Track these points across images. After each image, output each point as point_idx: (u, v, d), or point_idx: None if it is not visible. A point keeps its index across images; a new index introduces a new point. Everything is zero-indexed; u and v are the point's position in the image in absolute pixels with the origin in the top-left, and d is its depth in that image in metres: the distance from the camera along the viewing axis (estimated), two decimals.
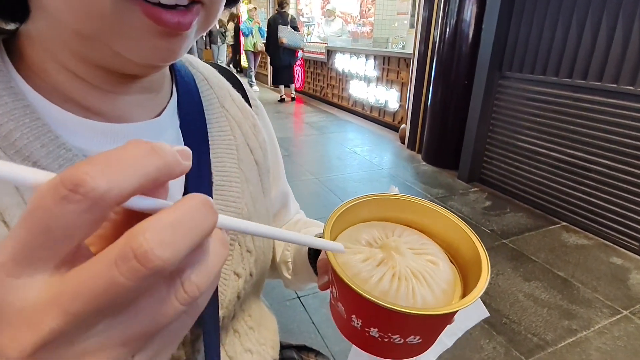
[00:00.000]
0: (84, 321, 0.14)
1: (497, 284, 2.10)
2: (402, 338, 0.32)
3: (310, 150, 4.49)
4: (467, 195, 3.22)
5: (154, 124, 0.39)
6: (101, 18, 0.27)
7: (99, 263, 0.14)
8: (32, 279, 0.14)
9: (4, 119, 0.30)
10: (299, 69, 7.71)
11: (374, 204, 0.42)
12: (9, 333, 0.14)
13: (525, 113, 3.00)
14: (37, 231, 0.14)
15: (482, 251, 0.36)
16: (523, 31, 2.95)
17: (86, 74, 0.33)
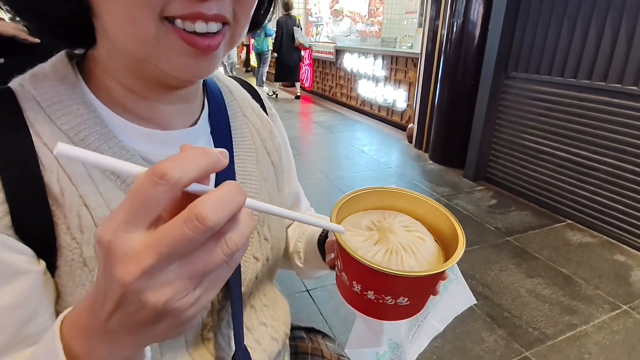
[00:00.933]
0: (167, 259, 0.22)
1: (499, 280, 2.16)
2: (393, 299, 0.40)
3: (319, 149, 4.57)
4: (473, 194, 3.27)
5: (192, 131, 0.47)
6: (147, 42, 0.35)
7: (176, 223, 0.22)
8: (135, 233, 0.22)
9: (81, 126, 0.39)
10: (308, 68, 7.79)
11: (372, 195, 0.51)
12: (122, 266, 0.22)
13: (530, 113, 3.04)
14: (139, 203, 0.22)
15: (459, 230, 0.44)
16: (529, 31, 2.99)
17: (138, 88, 0.41)
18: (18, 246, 0.35)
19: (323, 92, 7.45)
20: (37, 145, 0.37)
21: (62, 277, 0.38)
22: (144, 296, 0.23)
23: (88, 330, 0.27)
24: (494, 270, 2.25)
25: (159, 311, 0.23)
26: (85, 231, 0.38)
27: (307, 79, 7.96)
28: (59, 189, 0.36)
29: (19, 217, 0.34)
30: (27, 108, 0.38)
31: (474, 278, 2.17)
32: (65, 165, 0.38)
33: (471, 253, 2.42)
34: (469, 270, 2.24)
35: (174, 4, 0.33)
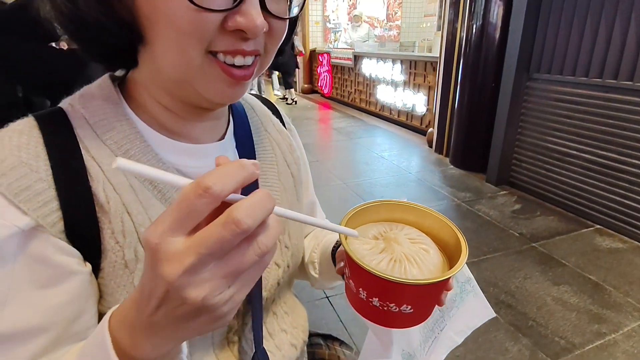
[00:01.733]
0: (205, 259, 0.25)
1: (524, 288, 2.11)
2: (397, 306, 0.41)
3: (339, 156, 4.59)
4: (496, 199, 3.21)
5: (220, 145, 0.52)
6: (192, 71, 0.39)
7: (214, 226, 0.25)
8: (179, 237, 0.25)
9: (123, 141, 0.43)
10: (327, 75, 7.84)
11: (381, 208, 0.53)
12: (167, 266, 0.25)
13: (554, 114, 2.96)
14: (184, 212, 0.25)
15: (462, 240, 0.45)
16: (551, 32, 2.92)
17: (175, 107, 0.45)
18: (69, 249, 0.39)
19: (342, 98, 7.48)
20: (86, 159, 0.41)
21: (105, 278, 0.42)
22: (185, 292, 0.25)
23: (133, 326, 0.30)
24: (518, 278, 2.19)
25: (198, 306, 0.26)
26: (127, 235, 0.41)
27: (325, 86, 8.02)
28: (104, 198, 0.40)
29: (71, 223, 0.38)
30: (77, 126, 0.42)
31: (496, 286, 2.13)
32: (110, 177, 0.42)
33: (494, 260, 2.37)
34: (492, 278, 2.19)
35: (220, 41, 0.37)
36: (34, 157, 0.38)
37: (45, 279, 0.38)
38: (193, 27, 0.36)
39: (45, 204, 0.37)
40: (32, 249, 0.37)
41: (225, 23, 0.37)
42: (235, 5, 0.36)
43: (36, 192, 0.37)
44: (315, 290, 2.05)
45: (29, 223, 0.36)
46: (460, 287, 0.62)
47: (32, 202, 0.36)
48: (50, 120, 0.41)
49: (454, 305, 0.62)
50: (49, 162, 0.38)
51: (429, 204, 2.60)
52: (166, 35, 0.37)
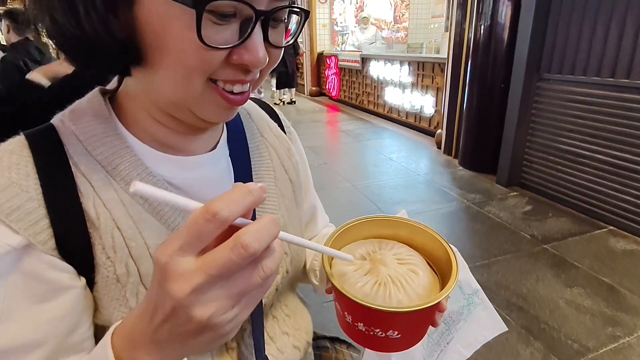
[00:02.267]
0: (213, 280, 0.26)
1: (536, 290, 2.08)
2: (383, 332, 0.40)
3: (347, 158, 4.59)
4: (506, 200, 3.17)
5: (212, 155, 0.51)
6: (193, 96, 0.40)
7: (223, 249, 0.26)
8: (188, 258, 0.26)
9: (113, 156, 0.43)
10: (335, 77, 7.85)
11: (373, 224, 0.51)
12: (176, 284, 0.26)
13: (566, 115, 2.92)
14: (193, 235, 0.26)
15: (454, 261, 0.44)
16: (561, 31, 2.89)
17: (167, 123, 0.45)
18: (62, 265, 0.39)
19: (350, 100, 7.48)
20: (76, 175, 0.41)
21: (99, 292, 0.42)
22: (192, 310, 0.27)
23: (136, 341, 0.31)
24: (529, 280, 2.16)
25: (203, 325, 0.27)
26: (117, 250, 0.42)
27: (333, 88, 8.02)
28: (95, 214, 0.41)
29: (62, 240, 0.39)
30: (67, 142, 0.42)
31: (507, 289, 2.10)
32: (100, 192, 0.42)
33: (504, 262, 2.34)
34: (503, 281, 2.16)
35: (223, 72, 0.39)
36: (24, 176, 0.38)
37: (40, 294, 0.38)
38: (200, 62, 0.36)
39: (36, 223, 0.38)
40: (25, 266, 0.37)
41: (230, 57, 0.38)
42: (241, 42, 0.37)
43: (27, 211, 0.37)
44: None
45: (21, 242, 0.37)
46: (467, 299, 0.60)
47: (23, 222, 0.37)
48: (40, 138, 0.42)
49: (461, 317, 0.60)
50: (38, 181, 0.39)
51: (438, 205, 2.59)
52: (171, 67, 0.37)
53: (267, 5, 0.37)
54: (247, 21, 0.36)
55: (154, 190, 0.26)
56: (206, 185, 0.49)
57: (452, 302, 0.60)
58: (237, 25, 0.37)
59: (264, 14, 0.37)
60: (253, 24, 0.36)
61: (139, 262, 0.43)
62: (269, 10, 0.37)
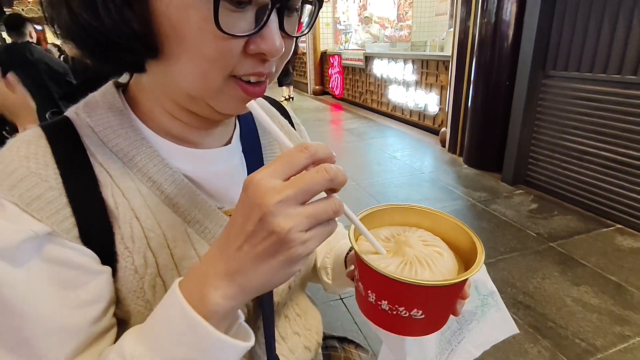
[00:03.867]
0: (298, 196, 0.31)
1: (542, 288, 2.07)
2: (407, 311, 0.39)
3: (351, 157, 4.58)
4: (512, 198, 3.15)
5: (227, 150, 0.51)
6: (212, 89, 0.39)
7: (310, 172, 0.32)
8: (278, 180, 0.31)
9: (129, 147, 0.43)
10: (338, 76, 7.84)
11: (395, 212, 0.51)
12: (266, 195, 0.30)
13: (572, 112, 2.90)
14: (285, 162, 0.32)
15: (479, 244, 0.43)
16: (567, 28, 2.87)
17: (182, 116, 0.45)
18: (88, 252, 0.39)
19: (353, 99, 7.47)
20: (94, 165, 0.41)
21: (118, 282, 0.42)
22: (276, 221, 0.30)
23: (206, 278, 0.33)
24: (536, 278, 2.15)
25: (282, 237, 0.30)
26: (136, 241, 0.41)
27: (337, 87, 8.02)
28: (113, 203, 0.41)
29: (85, 229, 0.39)
30: (84, 134, 0.42)
31: (514, 286, 2.09)
32: (118, 182, 0.42)
33: (511, 260, 2.33)
34: (509, 278, 2.15)
35: (242, 66, 0.39)
36: (43, 166, 0.38)
37: (69, 279, 0.38)
38: (218, 53, 0.36)
39: (57, 211, 0.37)
40: (50, 252, 0.37)
41: (247, 47, 0.37)
42: (258, 30, 0.36)
43: (48, 200, 0.37)
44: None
45: (44, 229, 0.36)
46: (482, 300, 0.60)
47: (44, 210, 0.37)
48: (56, 129, 0.42)
49: (474, 318, 0.60)
50: (58, 171, 0.39)
51: (443, 203, 2.58)
52: (190, 59, 0.37)
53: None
54: (262, 9, 0.36)
55: (263, 114, 0.34)
56: (221, 179, 0.49)
57: (467, 301, 0.60)
58: (252, 14, 0.36)
59: (279, 1, 0.37)
60: (269, 11, 0.36)
61: (157, 254, 0.42)
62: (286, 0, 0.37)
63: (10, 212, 0.36)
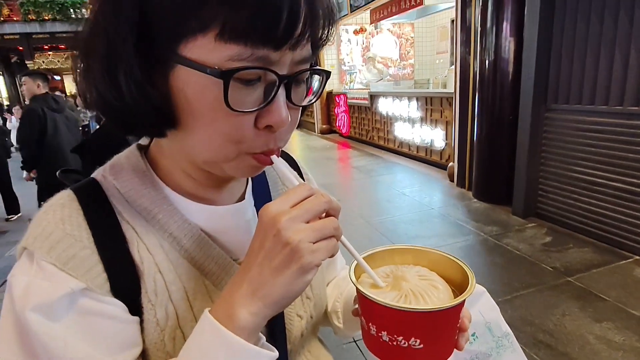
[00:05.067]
0: (303, 215, 0.38)
1: (563, 325, 2.00)
2: (406, 340, 0.41)
3: (360, 194, 4.60)
4: (524, 232, 3.12)
5: (240, 205, 0.55)
6: (227, 159, 0.43)
7: (314, 197, 0.39)
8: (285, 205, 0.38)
9: (152, 206, 0.47)
10: (345, 115, 8.03)
11: (395, 253, 0.53)
12: (279, 215, 0.38)
13: (577, 144, 2.93)
14: (292, 194, 0.39)
15: (470, 273, 0.46)
16: (565, 62, 2.95)
17: (198, 176, 0.49)
18: (120, 304, 0.42)
19: (360, 136, 7.60)
20: (122, 223, 0.45)
21: (142, 334, 0.44)
22: (288, 234, 0.36)
23: (232, 302, 0.38)
24: (555, 315, 2.09)
25: (293, 248, 0.36)
26: (158, 294, 0.44)
27: (343, 125, 8.19)
28: (139, 258, 0.44)
29: (115, 283, 0.42)
30: (111, 195, 0.46)
31: (532, 324, 2.03)
32: (143, 238, 0.45)
33: (528, 297, 2.27)
34: (527, 316, 2.09)
35: (255, 144, 0.42)
36: (76, 227, 0.42)
37: (104, 329, 0.40)
38: (232, 128, 0.39)
39: (91, 269, 0.40)
40: (85, 305, 0.40)
41: (257, 122, 0.41)
42: (266, 104, 0.40)
43: (82, 259, 0.40)
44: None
45: (80, 285, 0.39)
46: (496, 342, 0.61)
47: (79, 269, 0.40)
48: (87, 192, 0.46)
49: (489, 359, 0.61)
50: (90, 231, 0.42)
51: (454, 239, 2.56)
52: (205, 133, 0.40)
53: (289, 69, 0.40)
54: (270, 85, 0.40)
55: (284, 168, 0.44)
56: (235, 233, 0.52)
57: (481, 343, 0.61)
58: (262, 90, 0.40)
59: (286, 77, 0.40)
60: (277, 88, 0.39)
61: (177, 306, 0.45)
62: (291, 75, 0.40)
63: (49, 272, 0.39)
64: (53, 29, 13.95)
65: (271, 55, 0.37)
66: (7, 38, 14.03)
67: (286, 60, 0.39)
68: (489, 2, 3.44)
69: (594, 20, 2.69)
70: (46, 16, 13.79)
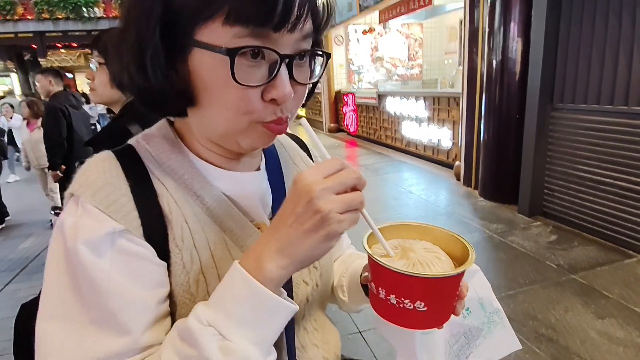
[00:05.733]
0: (335, 186, 0.41)
1: (565, 320, 2.04)
2: (412, 303, 0.46)
3: (367, 192, 4.49)
4: (530, 230, 3.14)
5: (257, 175, 0.61)
6: (240, 130, 0.49)
7: (346, 169, 0.43)
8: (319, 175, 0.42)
9: (179, 168, 0.53)
10: (353, 114, 8.07)
11: (402, 228, 0.58)
12: (314, 184, 0.41)
13: (583, 142, 2.95)
14: (326, 164, 0.43)
15: (470, 247, 0.51)
16: (571, 62, 2.97)
17: (216, 149, 0.56)
18: (150, 248, 0.48)
19: (368, 135, 7.64)
20: (153, 179, 0.51)
21: (170, 276, 0.50)
22: (320, 202, 0.40)
23: (261, 254, 0.42)
24: (558, 310, 2.12)
25: (323, 216, 0.40)
26: (184, 240, 0.50)
27: (351, 124, 8.23)
28: (168, 209, 0.50)
29: (147, 228, 0.48)
30: (144, 156, 0.53)
31: (535, 319, 2.06)
32: (172, 193, 0.52)
33: (531, 292, 2.31)
34: (530, 311, 2.13)
35: (264, 114, 0.48)
36: (115, 177, 0.48)
37: (138, 268, 0.46)
38: (240, 100, 0.45)
39: (128, 213, 0.46)
40: (123, 245, 0.45)
41: (263, 95, 0.47)
42: (270, 80, 0.45)
43: (121, 204, 0.46)
44: (348, 324, 2.07)
45: (119, 227, 0.45)
46: (488, 318, 0.65)
47: (119, 212, 0.46)
48: (123, 152, 0.53)
49: (481, 334, 0.65)
50: (127, 182, 0.48)
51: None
52: (219, 107, 0.46)
53: (291, 49, 0.45)
54: (274, 64, 0.46)
55: (311, 130, 0.50)
56: (251, 198, 0.58)
57: (474, 317, 0.65)
58: (267, 68, 0.46)
59: (288, 56, 0.45)
60: (278, 65, 0.45)
61: (201, 253, 0.51)
62: (292, 54, 0.45)
63: (93, 213, 0.45)
64: (66, 27, 14.18)
65: (271, 35, 0.43)
66: (21, 36, 14.28)
67: (287, 41, 0.44)
68: (497, 3, 3.47)
69: (600, 21, 2.72)
70: (59, 15, 14.02)
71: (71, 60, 16.15)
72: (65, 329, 0.43)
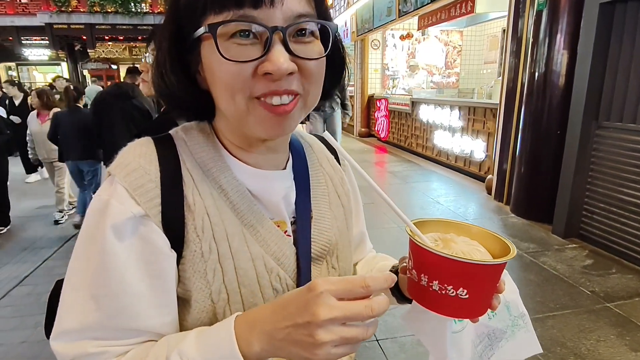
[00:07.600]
0: (342, 319, 0.38)
1: (596, 351, 1.92)
2: (454, 289, 0.45)
3: (394, 199, 4.42)
4: (564, 252, 2.99)
5: (282, 173, 0.61)
6: (242, 113, 0.49)
7: (360, 303, 0.39)
8: (334, 298, 0.39)
9: (209, 160, 0.55)
10: (384, 119, 8.00)
11: (439, 224, 0.58)
12: (321, 308, 0.38)
13: (630, 165, 2.78)
14: (347, 290, 0.40)
15: (510, 244, 0.50)
16: (621, 78, 2.81)
17: (240, 143, 0.57)
18: (164, 237, 0.49)
19: (399, 142, 7.54)
20: (183, 169, 0.53)
21: (186, 264, 0.51)
22: (319, 332, 0.38)
23: (255, 328, 0.43)
24: (590, 340, 2.00)
25: (316, 344, 0.38)
26: (205, 231, 0.52)
27: (382, 130, 8.16)
28: (192, 200, 0.52)
29: (166, 216, 0.49)
30: (179, 145, 0.55)
31: (564, 346, 1.96)
32: (198, 184, 0.53)
33: (562, 318, 2.19)
34: (560, 337, 2.02)
35: (258, 87, 0.48)
36: (148, 163, 0.51)
37: (150, 255, 0.48)
38: (231, 77, 0.46)
39: (152, 199, 0.49)
40: (141, 231, 0.48)
41: (255, 70, 0.47)
42: (263, 55, 0.45)
43: (147, 189, 0.49)
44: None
45: (140, 211, 0.48)
46: (512, 321, 0.64)
47: (143, 197, 0.48)
48: (162, 140, 0.56)
49: (504, 336, 0.64)
50: (159, 168, 0.51)
51: None
52: (218, 89, 0.49)
53: (283, 22, 0.45)
54: (267, 39, 0.45)
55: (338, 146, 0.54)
56: (275, 196, 0.59)
57: (499, 319, 0.64)
58: (261, 45, 0.45)
59: (277, 28, 0.45)
60: (268, 38, 0.45)
61: (219, 244, 0.52)
62: (284, 27, 0.45)
63: (122, 195, 0.48)
64: (114, 20, 14.88)
65: (252, 13, 0.44)
66: (74, 27, 15.10)
67: (273, 16, 0.45)
68: (543, 12, 3.34)
69: None
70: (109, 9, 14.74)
71: (117, 52, 16.89)
72: (72, 296, 0.48)
